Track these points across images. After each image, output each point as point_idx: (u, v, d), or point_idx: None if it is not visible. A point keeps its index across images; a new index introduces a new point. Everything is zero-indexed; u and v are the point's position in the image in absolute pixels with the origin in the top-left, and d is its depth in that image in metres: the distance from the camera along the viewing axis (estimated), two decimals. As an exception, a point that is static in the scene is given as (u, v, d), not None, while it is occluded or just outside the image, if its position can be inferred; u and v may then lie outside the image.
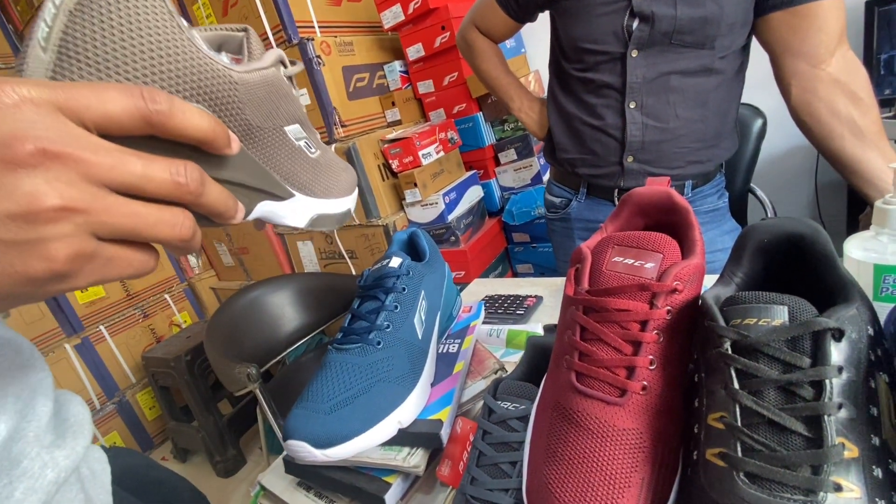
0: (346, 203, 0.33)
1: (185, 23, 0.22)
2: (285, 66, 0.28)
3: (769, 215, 1.08)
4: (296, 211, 0.29)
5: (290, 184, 0.28)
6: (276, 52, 0.27)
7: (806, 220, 0.29)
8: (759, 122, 1.05)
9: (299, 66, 0.30)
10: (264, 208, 0.27)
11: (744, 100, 0.94)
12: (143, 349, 1.87)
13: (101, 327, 1.80)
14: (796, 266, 0.30)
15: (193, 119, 0.20)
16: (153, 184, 0.18)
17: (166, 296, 2.00)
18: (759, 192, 1.10)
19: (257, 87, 0.25)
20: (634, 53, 0.72)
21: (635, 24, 0.69)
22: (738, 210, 1.08)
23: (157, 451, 1.95)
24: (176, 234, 0.19)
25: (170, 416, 1.77)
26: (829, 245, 0.28)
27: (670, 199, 0.34)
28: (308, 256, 1.67)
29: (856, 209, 1.24)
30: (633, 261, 0.30)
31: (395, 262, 0.43)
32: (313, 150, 0.30)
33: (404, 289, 0.42)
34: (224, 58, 0.24)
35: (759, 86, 0.85)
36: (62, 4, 0.19)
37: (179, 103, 0.19)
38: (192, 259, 2.08)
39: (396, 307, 0.41)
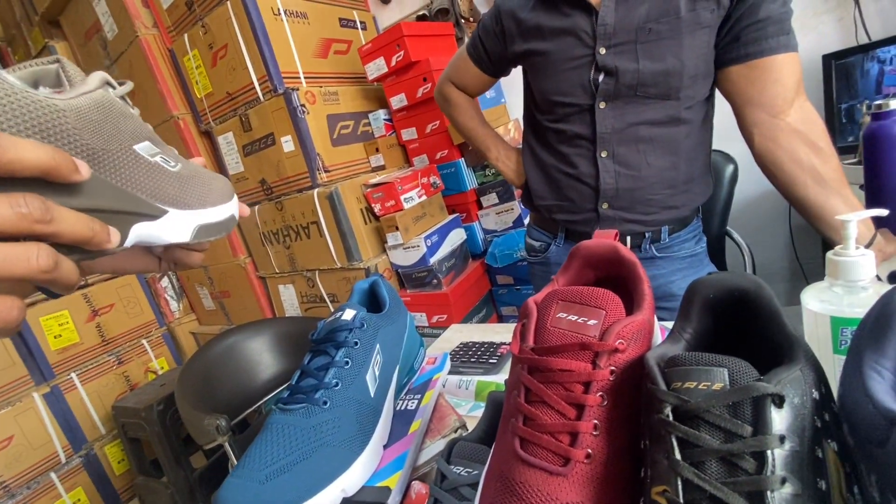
0: (228, 209, 0.33)
1: None
2: (113, 87, 0.27)
3: (746, 258, 1.09)
4: (175, 227, 0.28)
5: (158, 200, 0.27)
6: (100, 74, 0.27)
7: (748, 275, 0.28)
8: (730, 168, 1.08)
9: (128, 86, 0.29)
10: (141, 231, 0.26)
11: (715, 147, 0.96)
12: (116, 398, 1.80)
13: (73, 375, 1.74)
14: (743, 322, 0.29)
15: (27, 152, 0.20)
16: None
17: (143, 341, 1.94)
18: (736, 236, 1.12)
19: (89, 110, 0.24)
20: (602, 105, 0.74)
21: (601, 77, 0.72)
22: (717, 253, 1.09)
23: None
24: (32, 267, 0.19)
25: (139, 471, 1.67)
26: (773, 301, 0.27)
27: (616, 252, 0.33)
28: (289, 300, 1.64)
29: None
30: (576, 317, 0.29)
31: (348, 314, 0.42)
32: (172, 164, 0.29)
33: (356, 343, 0.40)
34: (43, 90, 0.24)
35: (728, 134, 0.88)
36: None
37: (8, 140, 0.19)
38: (172, 303, 2.04)
39: (347, 363, 0.39)
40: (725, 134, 0.93)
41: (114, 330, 1.86)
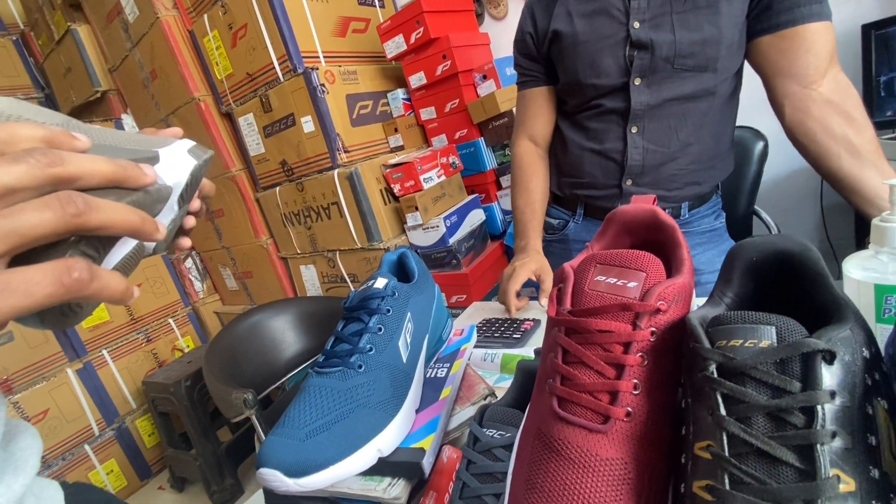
0: (185, 140, 0.32)
1: None
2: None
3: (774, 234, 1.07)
4: (177, 159, 0.28)
5: (141, 147, 0.27)
6: None
7: (795, 237, 0.28)
8: (760, 145, 1.05)
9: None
10: (165, 177, 0.27)
11: (744, 122, 0.94)
12: (145, 374, 1.86)
13: (104, 351, 1.80)
14: (788, 285, 0.28)
15: (21, 127, 0.20)
16: (6, 175, 0.18)
17: (170, 320, 2.00)
18: (764, 215, 1.09)
19: (8, 102, 0.23)
20: (637, 81, 0.73)
21: (635, 53, 0.71)
22: (744, 233, 1.07)
23: (154, 479, 1.91)
24: (60, 214, 0.18)
25: (168, 444, 1.74)
26: (820, 263, 0.27)
27: (655, 216, 0.33)
28: (310, 280, 1.67)
29: (864, 230, 1.21)
30: (615, 280, 0.29)
31: (380, 282, 0.42)
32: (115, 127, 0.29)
33: (389, 310, 0.41)
34: None
35: (758, 108, 0.86)
36: None
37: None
38: (196, 283, 2.09)
39: (380, 329, 0.40)
40: (755, 110, 0.91)
41: (141, 309, 1.92)
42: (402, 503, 0.36)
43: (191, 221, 0.36)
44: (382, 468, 0.36)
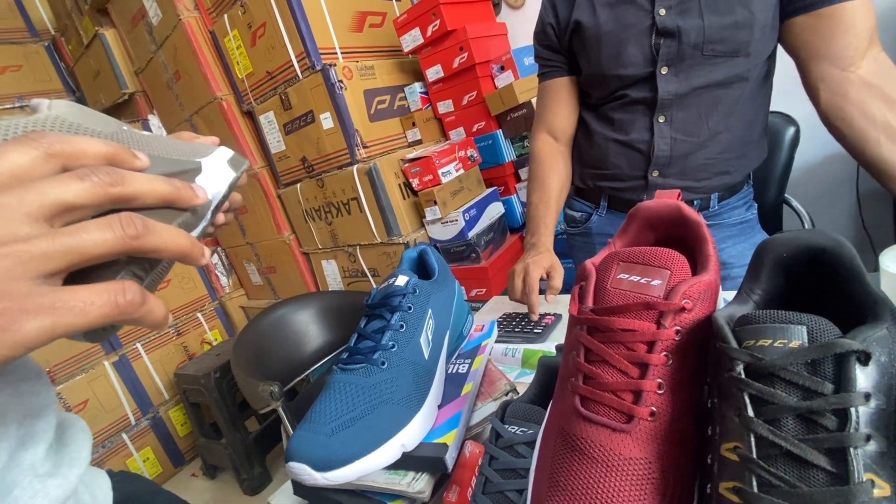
0: (222, 148, 0.33)
1: None
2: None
3: (806, 227, 1.03)
4: (217, 169, 0.29)
5: (183, 156, 0.28)
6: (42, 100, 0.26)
7: (826, 232, 0.27)
8: (791, 131, 1.01)
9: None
10: (206, 188, 0.27)
11: (775, 107, 0.90)
12: (176, 366, 1.93)
13: (138, 345, 1.88)
14: (820, 282, 0.28)
15: (88, 143, 0.20)
16: (70, 192, 0.19)
17: (198, 314, 2.06)
18: (795, 203, 1.05)
19: (69, 108, 0.24)
20: (664, 70, 0.70)
21: (661, 41, 0.68)
22: (773, 223, 1.04)
23: (187, 467, 1.99)
24: (119, 236, 0.19)
25: (200, 433, 1.81)
26: (855, 259, 0.26)
27: (680, 211, 0.32)
28: (332, 274, 1.70)
29: (903, 219, 1.16)
30: (638, 278, 0.29)
31: (401, 280, 0.43)
32: (160, 132, 0.30)
33: (410, 307, 0.41)
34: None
35: (789, 93, 0.82)
36: None
37: (69, 136, 0.20)
38: (222, 278, 2.15)
39: (402, 326, 0.40)
40: (785, 94, 0.87)
41: (171, 304, 1.99)
42: (426, 497, 0.37)
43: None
44: (406, 463, 0.37)
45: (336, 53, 1.42)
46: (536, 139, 0.91)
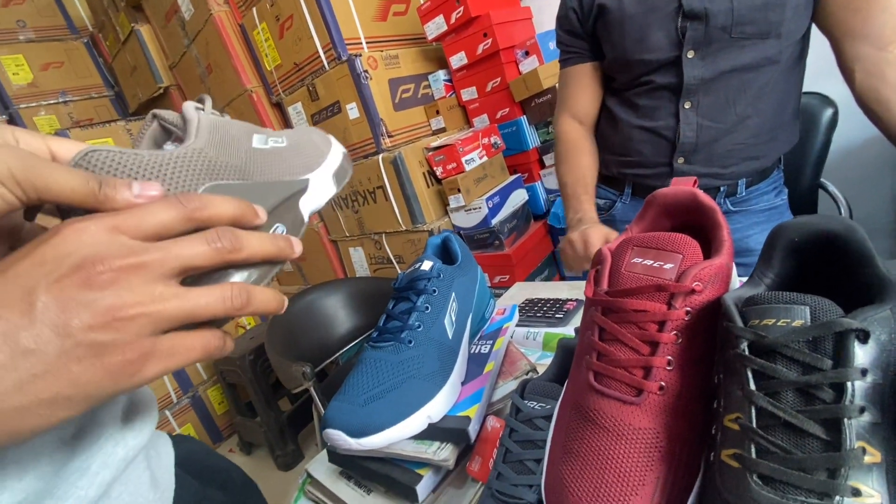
0: (338, 149, 0.36)
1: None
2: (202, 109, 0.30)
3: (843, 212, 1.00)
4: (321, 186, 0.32)
5: (296, 175, 0.31)
6: (189, 105, 0.29)
7: (838, 217, 0.28)
8: (828, 112, 0.97)
9: (209, 99, 0.31)
10: (306, 204, 0.31)
11: (811, 87, 0.87)
12: (213, 348, 2.03)
13: (179, 328, 1.98)
14: (831, 267, 0.29)
15: (222, 206, 0.24)
16: (198, 257, 0.22)
17: (233, 299, 2.16)
18: (832, 188, 1.02)
19: (211, 138, 0.27)
20: (690, 54, 0.69)
21: (688, 24, 0.67)
22: (808, 208, 1.01)
23: (225, 443, 2.10)
24: (230, 306, 0.22)
25: (236, 412, 1.91)
26: (866, 243, 0.27)
27: (695, 198, 0.33)
28: (359, 261, 1.74)
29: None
30: (651, 262, 0.30)
31: (426, 265, 0.45)
32: (281, 141, 0.32)
33: (435, 291, 0.44)
34: (168, 146, 0.28)
35: (827, 73, 0.79)
36: None
37: (209, 198, 0.23)
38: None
39: (427, 308, 0.43)
40: (822, 74, 0.84)
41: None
42: (451, 465, 0.39)
43: None
44: (432, 433, 0.40)
45: (361, 43, 1.44)
46: (562, 122, 0.90)
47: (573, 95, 0.87)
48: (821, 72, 0.83)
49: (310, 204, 0.31)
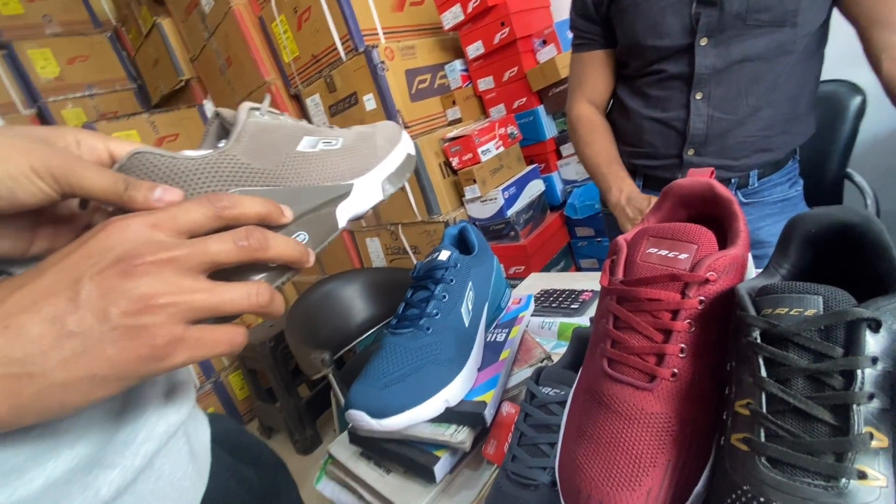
0: (401, 151, 0.35)
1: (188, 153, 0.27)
2: (257, 110, 0.31)
3: (869, 203, 0.97)
4: (367, 192, 0.32)
5: (341, 179, 0.31)
6: (245, 107, 0.30)
7: (855, 208, 0.28)
8: (856, 100, 0.94)
9: (267, 100, 0.32)
10: (345, 210, 0.31)
11: (840, 75, 0.85)
12: (235, 335, 2.09)
13: (201, 316, 2.04)
14: (848, 258, 0.29)
15: (249, 205, 0.25)
16: (224, 254, 0.23)
17: (253, 288, 2.21)
18: (858, 179, 0.99)
19: (248, 143, 0.28)
20: (703, 42, 0.68)
21: (702, 10, 0.66)
22: (832, 198, 0.99)
23: (246, 427, 2.17)
24: (253, 303, 0.24)
25: (257, 397, 1.97)
26: (883, 235, 0.27)
27: (711, 190, 0.34)
28: (375, 252, 1.77)
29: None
30: (667, 252, 0.31)
31: (444, 255, 0.46)
32: (334, 142, 0.32)
33: (452, 280, 0.45)
34: (221, 144, 0.29)
35: (855, 59, 0.77)
36: None
37: (237, 197, 0.25)
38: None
39: (445, 297, 0.44)
40: (850, 61, 0.82)
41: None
42: (467, 447, 0.41)
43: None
44: (449, 416, 0.41)
45: (378, 34, 1.45)
46: (578, 106, 0.89)
47: (587, 80, 0.87)
48: (848, 59, 0.81)
49: (350, 210, 0.31)
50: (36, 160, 0.21)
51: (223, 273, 0.24)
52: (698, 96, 0.72)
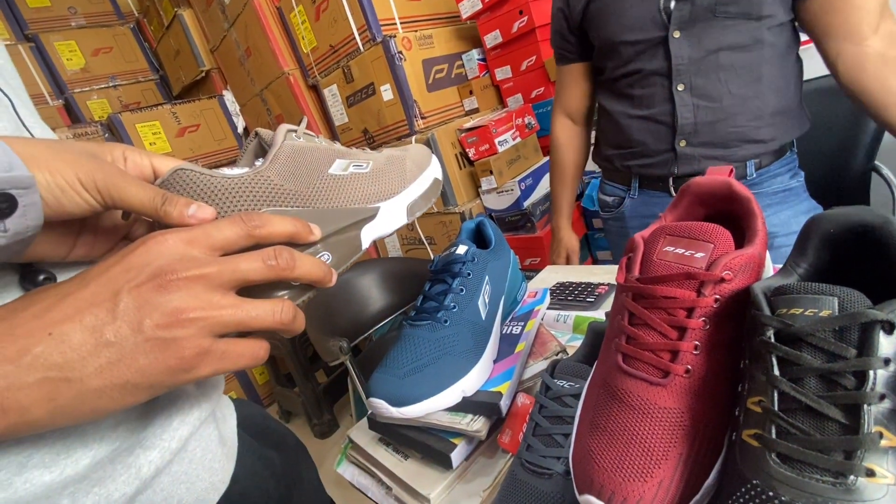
0: (429, 175, 0.36)
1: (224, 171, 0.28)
2: (294, 132, 0.31)
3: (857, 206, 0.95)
4: (391, 215, 0.33)
5: (367, 202, 0.32)
6: (282, 129, 0.31)
7: (875, 210, 0.28)
8: (885, 91, 0.92)
9: (304, 122, 0.33)
10: (369, 233, 0.32)
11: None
12: (255, 322, 2.15)
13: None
14: (867, 259, 0.29)
15: (279, 225, 0.27)
16: (253, 272, 0.24)
17: (272, 276, 2.26)
18: (886, 171, 0.97)
19: (284, 165, 0.29)
20: (677, 34, 0.70)
21: (672, 4, 0.68)
22: (858, 191, 0.97)
23: (266, 411, 2.24)
24: (277, 320, 0.25)
25: (276, 382, 2.02)
26: (902, 236, 0.27)
27: (730, 188, 0.34)
28: (391, 242, 1.78)
29: None
30: (683, 250, 0.31)
31: (461, 249, 0.47)
32: (364, 165, 0.33)
33: (469, 274, 0.46)
34: (257, 162, 0.30)
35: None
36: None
37: (268, 217, 0.26)
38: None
39: (462, 290, 0.45)
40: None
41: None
42: (483, 436, 0.42)
43: None
44: (466, 406, 0.43)
45: (395, 24, 1.45)
46: (555, 124, 1.00)
47: (564, 92, 0.95)
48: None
49: (374, 232, 0.32)
50: (83, 173, 0.23)
51: (248, 289, 0.26)
52: (680, 87, 0.73)
